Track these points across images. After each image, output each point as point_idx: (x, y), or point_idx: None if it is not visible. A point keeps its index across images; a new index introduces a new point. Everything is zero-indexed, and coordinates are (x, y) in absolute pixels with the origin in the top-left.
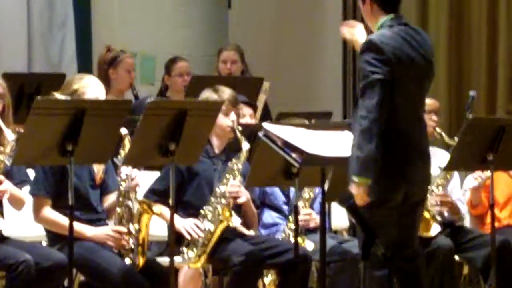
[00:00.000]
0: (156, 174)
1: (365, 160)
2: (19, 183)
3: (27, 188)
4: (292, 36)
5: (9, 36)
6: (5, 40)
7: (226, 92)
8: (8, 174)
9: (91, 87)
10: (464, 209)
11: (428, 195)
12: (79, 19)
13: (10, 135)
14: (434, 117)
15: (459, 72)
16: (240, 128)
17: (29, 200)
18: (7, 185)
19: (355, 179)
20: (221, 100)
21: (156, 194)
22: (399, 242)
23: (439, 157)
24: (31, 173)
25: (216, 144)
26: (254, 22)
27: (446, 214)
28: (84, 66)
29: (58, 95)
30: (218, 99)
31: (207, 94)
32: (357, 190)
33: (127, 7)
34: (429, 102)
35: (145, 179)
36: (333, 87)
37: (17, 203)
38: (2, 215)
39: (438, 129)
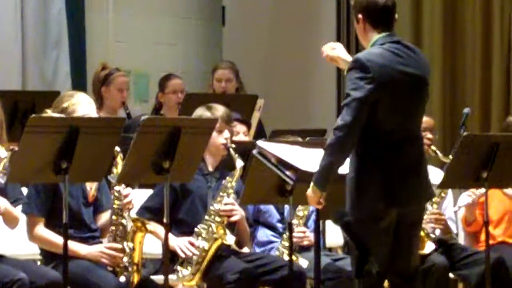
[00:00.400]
0: (150, 192)
1: (320, 172)
2: (13, 202)
3: (21, 206)
4: (286, 54)
5: (3, 55)
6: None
7: (220, 110)
8: (2, 192)
9: (81, 105)
10: (454, 228)
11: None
12: (73, 37)
13: (2, 153)
14: (429, 135)
15: (453, 90)
16: (233, 145)
17: (23, 218)
18: (2, 203)
19: (312, 184)
20: (215, 117)
21: (150, 211)
22: (394, 262)
23: (433, 175)
24: (24, 191)
25: (210, 161)
26: (248, 39)
27: (437, 232)
28: (79, 85)
29: (49, 112)
30: (211, 117)
31: (201, 112)
32: (310, 194)
33: (121, 25)
34: (423, 119)
35: (139, 197)
36: (327, 104)
37: (11, 222)
38: None
39: (433, 147)
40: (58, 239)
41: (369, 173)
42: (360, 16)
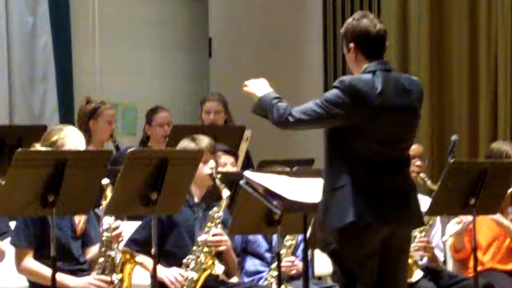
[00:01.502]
0: (138, 224)
1: (265, 106)
2: (0, 235)
3: (7, 239)
4: (273, 84)
5: None
6: None
7: (204, 141)
8: None
9: (70, 138)
10: (441, 256)
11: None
12: (60, 71)
13: None
14: (418, 162)
15: (441, 117)
16: (219, 176)
17: (10, 251)
18: None
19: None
20: (200, 149)
21: (137, 243)
22: None
23: (422, 203)
24: (12, 224)
25: (196, 192)
26: (235, 69)
27: (424, 260)
28: (66, 118)
29: (38, 147)
30: (196, 148)
31: (185, 144)
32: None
33: (107, 58)
34: (412, 147)
35: (127, 229)
36: (314, 134)
37: None
38: None
39: (421, 174)
40: (47, 271)
41: (360, 185)
42: (351, 45)
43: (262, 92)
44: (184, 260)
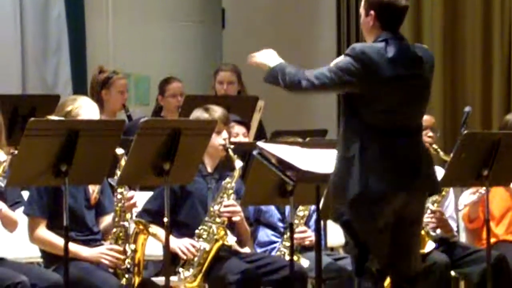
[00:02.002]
0: (150, 194)
1: (278, 74)
2: (12, 205)
3: (20, 209)
4: (286, 55)
5: (3, 62)
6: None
7: (217, 111)
8: (1, 196)
9: (84, 108)
10: (455, 226)
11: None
12: (73, 42)
13: (2, 156)
14: (430, 133)
15: (454, 88)
16: (232, 146)
17: (22, 221)
18: (1, 207)
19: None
20: (214, 119)
21: (150, 214)
22: (395, 262)
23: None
24: (24, 194)
25: (209, 163)
26: (248, 41)
27: (438, 231)
28: (79, 89)
29: (52, 118)
30: (209, 118)
31: (198, 114)
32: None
33: (121, 29)
34: (424, 118)
35: (139, 199)
36: (327, 104)
37: (10, 225)
38: None
39: (434, 146)
40: (59, 241)
41: (370, 154)
42: (372, 12)
43: (274, 62)
44: (197, 231)
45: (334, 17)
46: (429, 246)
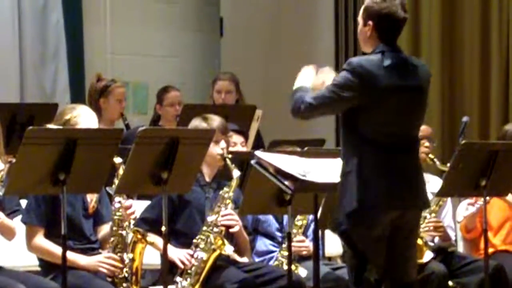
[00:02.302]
0: (148, 203)
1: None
2: (10, 213)
3: (18, 218)
4: (284, 64)
5: (1, 68)
6: None
7: (216, 120)
8: (0, 204)
9: (83, 117)
10: (453, 235)
11: (420, 222)
12: (71, 50)
13: (0, 165)
14: (427, 143)
15: (451, 98)
16: (230, 156)
17: (20, 230)
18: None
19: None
20: (212, 128)
21: (147, 223)
22: (390, 271)
23: (432, 184)
24: (22, 203)
25: (207, 172)
26: (247, 49)
27: (436, 240)
28: (77, 97)
29: (50, 127)
30: (207, 128)
31: (197, 123)
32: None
33: (119, 36)
34: (421, 128)
35: (137, 208)
36: None
37: (8, 234)
38: None
39: (430, 155)
40: (57, 249)
41: (366, 170)
42: (370, 22)
43: (297, 84)
44: (194, 240)
45: (332, 27)
46: (427, 256)
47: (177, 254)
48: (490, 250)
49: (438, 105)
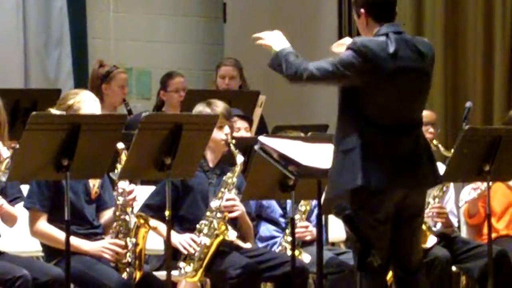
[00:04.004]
0: (152, 189)
1: (281, 61)
2: (12, 200)
3: (19, 204)
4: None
5: (5, 55)
6: (1, 60)
7: (220, 106)
8: (1, 191)
9: (86, 102)
10: (456, 221)
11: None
12: (74, 36)
13: (5, 152)
14: (431, 129)
15: (455, 83)
16: (234, 141)
17: (23, 215)
18: (1, 203)
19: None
20: (216, 114)
21: (151, 209)
22: (396, 255)
23: None
24: (24, 190)
25: (210, 158)
26: (250, 35)
27: (439, 226)
28: (81, 83)
29: (53, 111)
30: (211, 113)
31: (200, 108)
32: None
33: (122, 22)
34: (425, 114)
35: (141, 194)
36: (329, 99)
37: (9, 221)
38: None
39: (435, 141)
40: (60, 234)
41: (370, 148)
42: (362, 10)
43: (279, 46)
44: (198, 226)
45: (336, 11)
46: (431, 241)
47: (179, 239)
48: (493, 235)
49: (441, 90)
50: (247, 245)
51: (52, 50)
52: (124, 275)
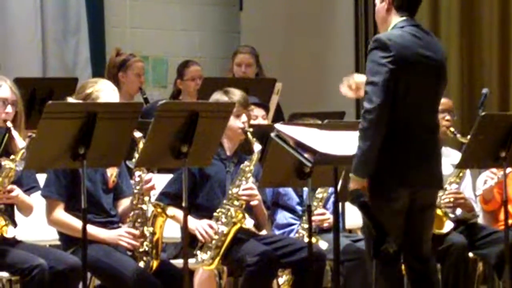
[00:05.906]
0: (169, 177)
1: (359, 159)
2: (28, 190)
3: (35, 194)
4: (304, 37)
5: (23, 43)
6: (20, 48)
7: (237, 94)
8: (18, 181)
9: (105, 91)
10: (477, 207)
11: (440, 193)
12: (92, 24)
13: (21, 143)
14: (448, 117)
15: (471, 70)
16: (251, 129)
17: (40, 205)
18: (17, 192)
19: (351, 175)
20: (232, 102)
21: (169, 197)
22: (408, 243)
23: (452, 157)
24: (41, 179)
25: (228, 146)
26: (266, 23)
27: (459, 212)
28: (98, 71)
29: (71, 100)
30: (228, 101)
31: (217, 97)
32: (353, 186)
33: (139, 11)
34: (442, 101)
35: (157, 182)
36: None
37: (25, 210)
38: (14, 223)
39: (451, 128)
40: (78, 223)
41: (383, 152)
42: None
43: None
44: (215, 214)
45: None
46: (448, 226)
47: (196, 225)
48: (510, 221)
49: (457, 77)
50: (263, 233)
51: (69, 38)
52: (141, 264)
